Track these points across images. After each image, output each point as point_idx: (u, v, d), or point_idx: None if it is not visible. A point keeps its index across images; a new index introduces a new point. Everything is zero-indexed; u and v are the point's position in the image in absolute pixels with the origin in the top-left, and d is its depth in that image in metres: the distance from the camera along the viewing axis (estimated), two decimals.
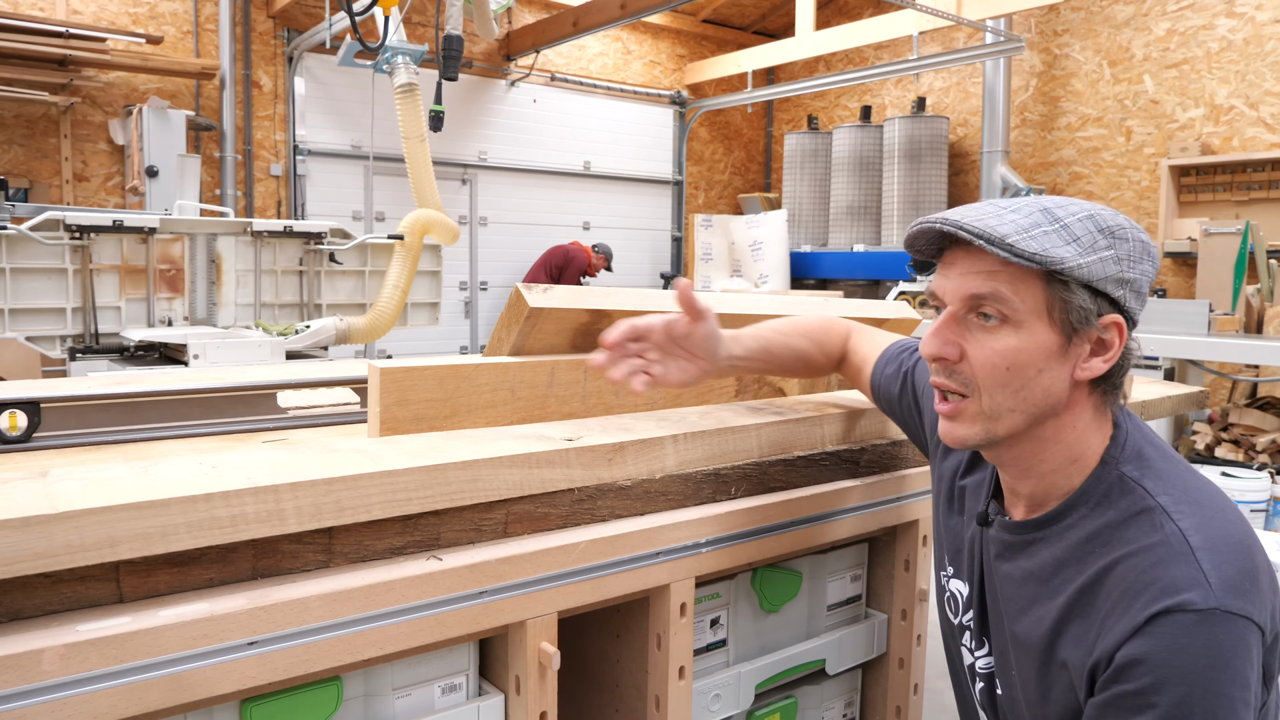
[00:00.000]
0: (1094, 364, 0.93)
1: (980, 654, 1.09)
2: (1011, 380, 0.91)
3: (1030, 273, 0.90)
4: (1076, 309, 0.90)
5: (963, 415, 0.95)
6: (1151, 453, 0.96)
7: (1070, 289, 0.90)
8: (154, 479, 0.86)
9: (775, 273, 8.40)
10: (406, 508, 0.96)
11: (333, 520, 0.91)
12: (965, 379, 0.94)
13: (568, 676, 1.31)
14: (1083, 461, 0.96)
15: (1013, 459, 0.98)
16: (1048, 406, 0.93)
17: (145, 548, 0.80)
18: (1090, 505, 0.94)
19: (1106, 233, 0.91)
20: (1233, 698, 0.80)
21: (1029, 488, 0.99)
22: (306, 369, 1.78)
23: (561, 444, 1.09)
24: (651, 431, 1.19)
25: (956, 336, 0.94)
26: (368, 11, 3.79)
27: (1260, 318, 4.98)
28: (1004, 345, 0.91)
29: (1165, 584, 0.83)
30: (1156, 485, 0.91)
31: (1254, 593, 0.84)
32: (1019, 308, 0.90)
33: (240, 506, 0.85)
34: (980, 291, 0.91)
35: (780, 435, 1.33)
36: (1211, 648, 0.80)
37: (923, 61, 7.35)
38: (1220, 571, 0.83)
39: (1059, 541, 0.95)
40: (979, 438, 0.95)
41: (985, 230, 0.89)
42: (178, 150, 6.05)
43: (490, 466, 1.02)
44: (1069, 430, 0.95)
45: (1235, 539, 0.87)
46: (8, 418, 1.23)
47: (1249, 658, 0.81)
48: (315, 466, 0.93)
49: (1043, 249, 0.88)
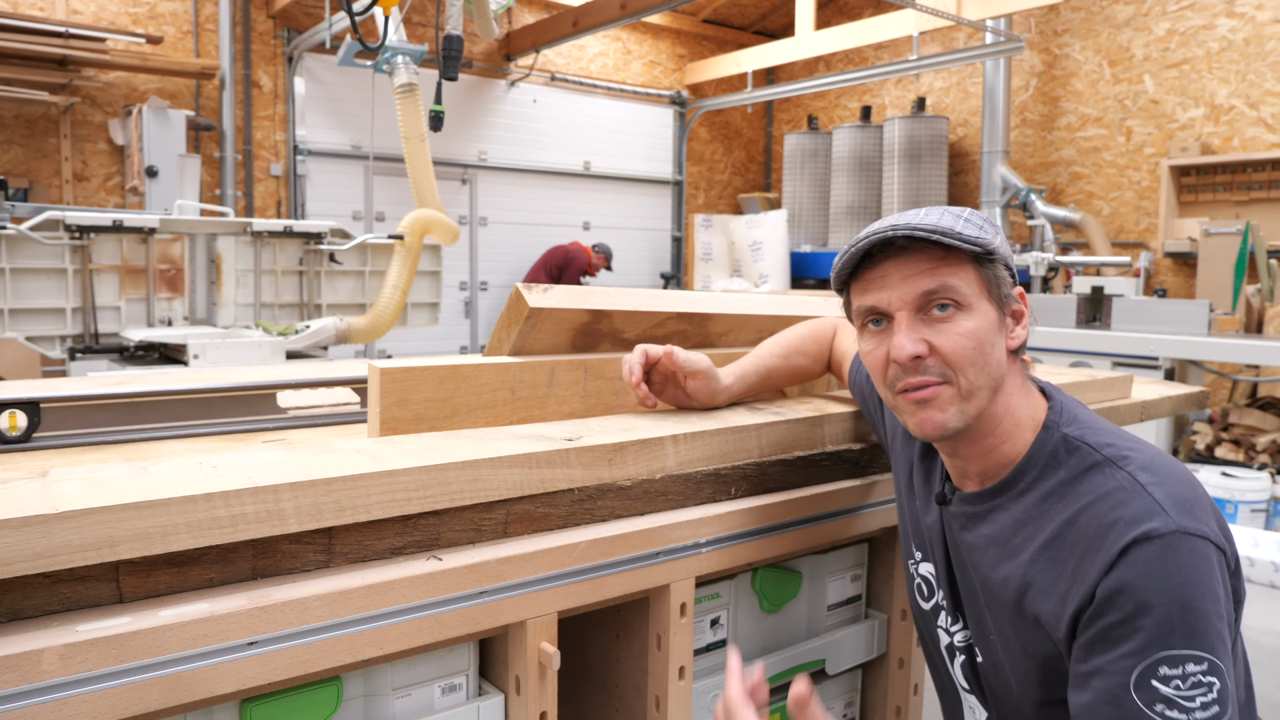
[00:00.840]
0: (1017, 332, 1.03)
1: (956, 628, 1.14)
2: (979, 357, 0.99)
3: (963, 260, 0.99)
4: (1005, 282, 1.01)
5: (940, 399, 1.00)
6: (1086, 416, 1.04)
7: (996, 267, 1.00)
8: (154, 479, 0.86)
9: (775, 273, 8.40)
10: (406, 508, 0.96)
11: (333, 520, 0.91)
12: (939, 369, 1.00)
13: (568, 676, 1.31)
14: (1022, 428, 1.03)
15: (968, 440, 1.04)
16: (1000, 378, 1.01)
17: (145, 548, 0.80)
18: (1040, 467, 1.01)
19: (988, 221, 1.03)
20: (1206, 610, 0.85)
21: (977, 466, 1.06)
22: (306, 369, 1.78)
23: (561, 444, 1.09)
24: (652, 431, 1.19)
25: (920, 335, 1.00)
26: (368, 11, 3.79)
27: (1260, 318, 4.98)
28: (965, 328, 0.99)
29: (1128, 519, 0.90)
30: (1098, 440, 0.99)
31: (1203, 515, 0.91)
32: (967, 292, 0.99)
33: (240, 506, 0.85)
34: (931, 287, 0.99)
35: (780, 435, 1.33)
36: (1181, 567, 0.86)
37: (923, 61, 7.35)
38: (1173, 500, 0.90)
39: (1015, 505, 1.02)
40: (957, 419, 1.00)
41: (936, 226, 0.97)
42: (178, 150, 6.05)
43: (490, 466, 1.01)
44: (1010, 398, 1.03)
45: (1177, 473, 0.95)
46: (8, 418, 1.23)
47: (1213, 573, 0.87)
48: (315, 466, 0.93)
49: (975, 235, 0.98)
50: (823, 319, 1.50)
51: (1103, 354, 4.95)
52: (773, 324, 1.58)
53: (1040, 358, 4.79)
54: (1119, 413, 1.87)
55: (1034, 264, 6.16)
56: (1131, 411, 1.91)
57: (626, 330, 1.37)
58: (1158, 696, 0.84)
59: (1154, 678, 0.84)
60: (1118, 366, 4.85)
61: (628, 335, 1.38)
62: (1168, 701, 0.84)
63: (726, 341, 1.55)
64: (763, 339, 1.59)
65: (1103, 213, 7.37)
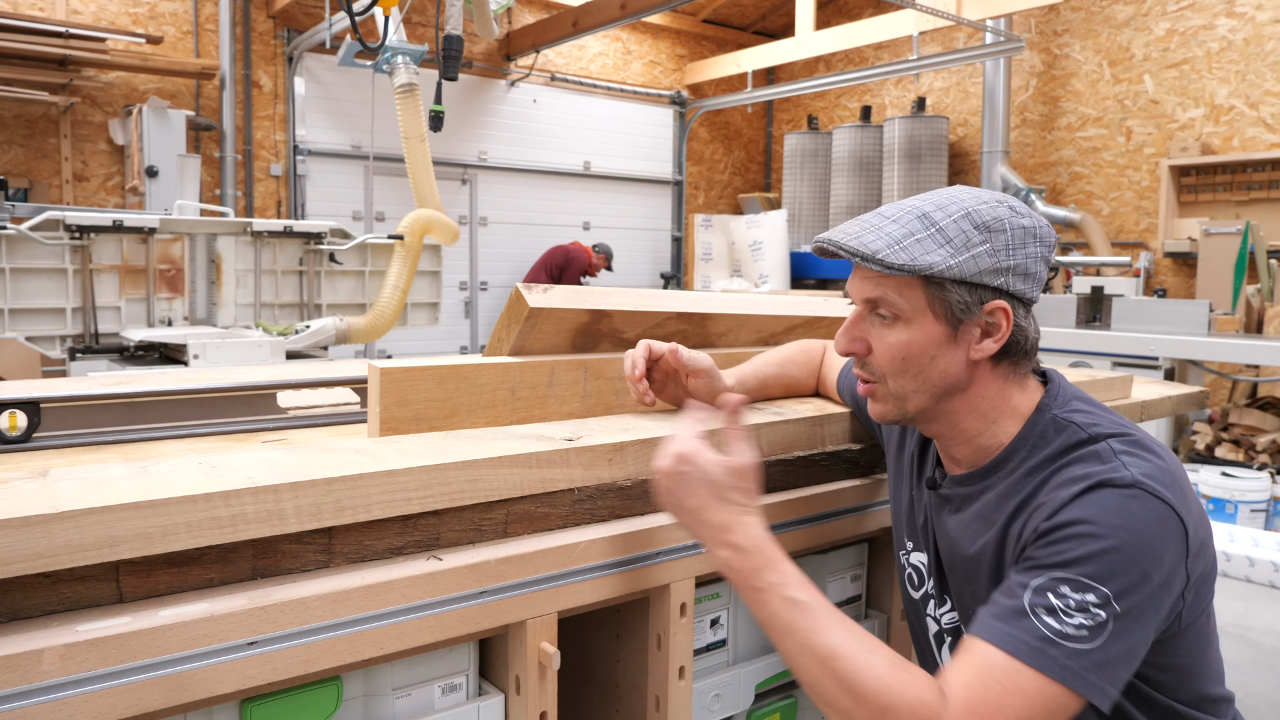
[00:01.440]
0: (985, 345, 1.03)
1: (944, 611, 1.17)
2: (909, 368, 1.04)
3: (907, 277, 1.01)
4: (956, 303, 1.01)
5: (876, 396, 1.09)
6: (1080, 403, 1.06)
7: (945, 288, 1.00)
8: (154, 479, 0.86)
9: (775, 273, 8.40)
10: (407, 507, 0.96)
11: (333, 520, 0.91)
12: (873, 368, 1.07)
13: (568, 676, 1.31)
14: (1006, 421, 1.06)
15: (936, 431, 1.10)
16: (948, 385, 1.04)
17: (145, 548, 0.80)
18: (1028, 448, 1.04)
19: (982, 229, 1.00)
20: (1138, 562, 0.88)
21: (961, 452, 1.10)
22: (306, 369, 1.78)
23: (562, 444, 1.09)
24: (652, 431, 1.19)
25: (862, 333, 1.07)
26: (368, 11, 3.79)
27: (1260, 318, 4.98)
28: (897, 340, 1.03)
29: (1094, 474, 0.94)
30: (1086, 419, 1.02)
31: (1174, 488, 0.92)
32: (905, 307, 1.02)
33: (240, 506, 0.85)
34: (872, 296, 1.04)
35: (780, 435, 1.33)
36: (1128, 513, 0.89)
37: (923, 61, 7.35)
38: (1143, 467, 0.93)
39: (1002, 484, 1.05)
40: (895, 414, 1.08)
41: (859, 248, 1.00)
42: (178, 150, 6.05)
43: (490, 466, 1.01)
44: (980, 400, 1.06)
45: (1162, 455, 0.96)
46: (8, 418, 1.23)
47: (1164, 537, 0.89)
48: (315, 466, 0.93)
49: (911, 259, 0.98)
50: (812, 341, 1.56)
51: (1103, 354, 4.95)
52: (772, 324, 1.58)
53: (1040, 358, 4.79)
54: (1119, 412, 1.87)
55: None
56: (1131, 411, 1.91)
57: (626, 330, 1.37)
58: (1045, 603, 0.88)
59: (1053, 590, 0.88)
60: (1118, 366, 4.85)
61: (628, 335, 1.38)
62: (1050, 609, 0.88)
63: (726, 341, 1.55)
64: (763, 339, 1.59)
65: (1103, 213, 7.37)
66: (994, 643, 0.88)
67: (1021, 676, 0.86)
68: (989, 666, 0.87)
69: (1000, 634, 0.89)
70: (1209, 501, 4.39)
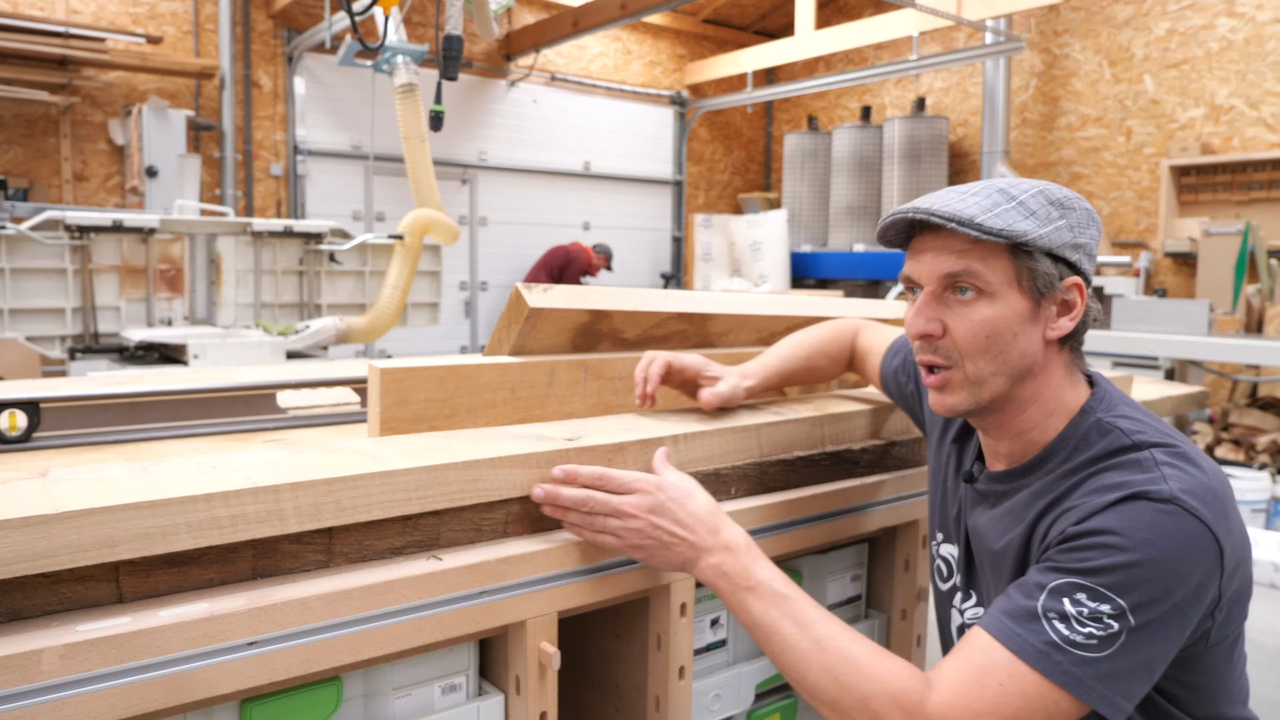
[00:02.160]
0: (1061, 323, 1.01)
1: (969, 605, 1.16)
2: (991, 346, 0.99)
3: (997, 247, 0.98)
4: (1042, 275, 0.99)
5: (950, 385, 1.02)
6: (1128, 407, 1.03)
7: (1034, 258, 0.98)
8: (154, 479, 0.86)
9: (775, 273, 8.40)
10: (407, 508, 0.96)
11: (333, 520, 0.91)
12: (948, 352, 1.01)
13: (568, 676, 1.31)
14: (1058, 416, 1.03)
15: (996, 421, 1.05)
16: (1025, 367, 1.01)
17: (145, 548, 0.80)
18: (1070, 449, 1.01)
19: (1057, 204, 1.00)
20: (1160, 580, 0.86)
21: (1007, 447, 1.07)
22: (306, 369, 1.78)
23: (562, 444, 1.09)
24: (652, 431, 1.19)
25: (938, 314, 1.01)
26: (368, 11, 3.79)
27: (1260, 318, 4.98)
28: (981, 316, 0.99)
29: (1131, 483, 0.91)
30: (1132, 425, 0.99)
31: (1214, 505, 0.89)
32: (991, 280, 0.98)
33: (240, 506, 0.85)
34: (955, 270, 0.99)
35: (780, 435, 1.33)
36: (1159, 529, 0.87)
37: (923, 61, 7.35)
38: (1182, 481, 0.90)
39: (1038, 483, 1.03)
40: (968, 404, 1.02)
41: (955, 214, 0.96)
42: (178, 150, 6.05)
43: (490, 467, 1.01)
44: (1045, 388, 1.03)
45: (1206, 469, 0.93)
46: (8, 418, 1.23)
47: (1194, 556, 0.87)
48: (315, 466, 0.93)
49: (1007, 225, 0.96)
50: (845, 319, 1.51)
51: (1103, 354, 4.95)
52: (772, 324, 1.58)
53: None
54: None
55: None
56: None
57: (626, 330, 1.37)
58: (1058, 608, 0.87)
59: (1068, 595, 0.87)
60: (1118, 366, 4.85)
61: (628, 335, 1.38)
62: (1062, 615, 0.87)
63: (726, 341, 1.54)
64: (763, 339, 1.59)
65: (1103, 212, 7.37)
66: (1000, 639, 0.88)
67: (1024, 678, 0.85)
68: (990, 664, 0.87)
69: (1008, 632, 0.88)
70: None
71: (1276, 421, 4.83)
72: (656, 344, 1.43)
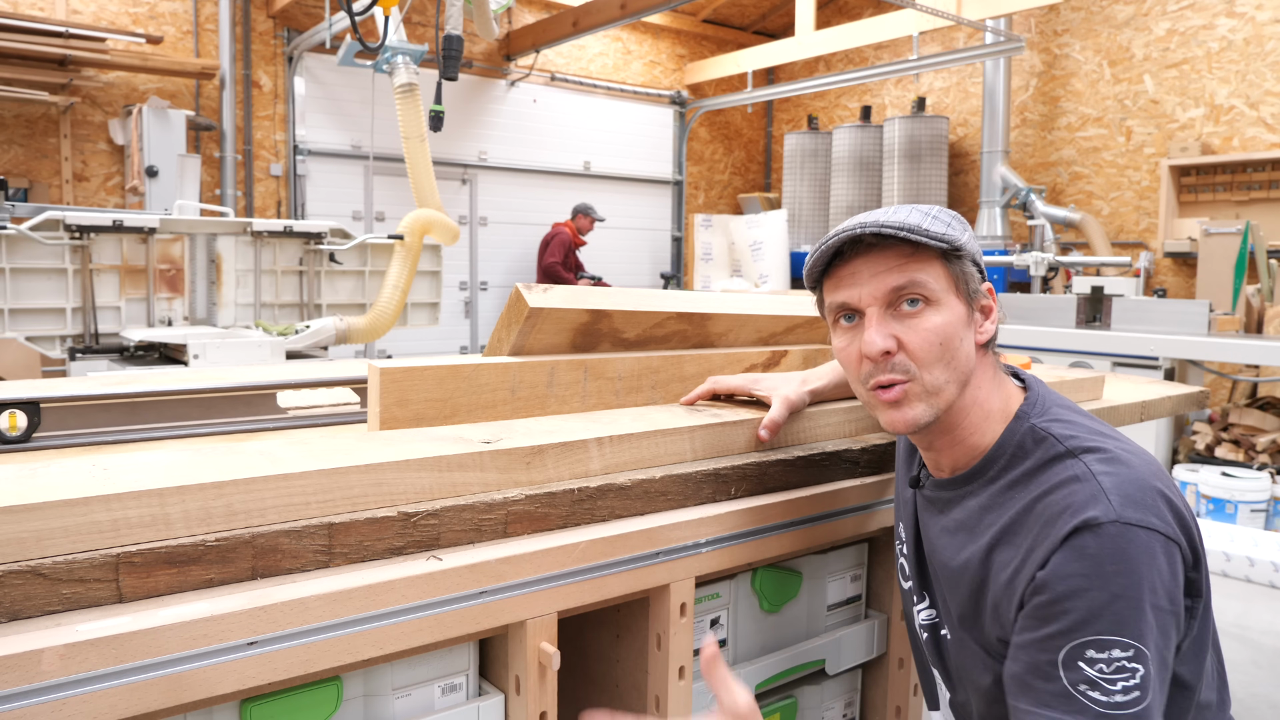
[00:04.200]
0: (986, 327, 1.06)
1: (922, 607, 1.19)
2: (945, 354, 1.01)
3: (932, 257, 1.01)
4: (972, 279, 1.04)
5: (909, 397, 1.03)
6: (1060, 410, 1.06)
7: (964, 263, 1.03)
8: (40, 482, 0.85)
9: (775, 273, 8.40)
10: (305, 513, 0.92)
11: (223, 526, 0.87)
12: (905, 366, 1.02)
13: (568, 676, 1.31)
14: (993, 419, 1.06)
15: (941, 430, 1.07)
16: (968, 372, 1.04)
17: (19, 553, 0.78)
18: (1007, 457, 1.04)
19: (957, 219, 1.05)
20: (1139, 600, 0.88)
21: (950, 458, 1.09)
22: (306, 369, 1.78)
23: (478, 446, 1.06)
24: (575, 434, 1.19)
25: (889, 330, 1.02)
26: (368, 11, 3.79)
27: (1260, 318, 4.98)
28: (932, 324, 1.01)
29: (1075, 507, 0.93)
30: (1065, 431, 1.01)
31: (1153, 506, 0.92)
32: (935, 288, 1.01)
33: (122, 511, 0.82)
34: (900, 283, 1.01)
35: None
36: (1116, 555, 0.89)
37: (923, 61, 7.35)
38: (1121, 491, 0.92)
39: (983, 492, 1.05)
40: (928, 415, 1.03)
41: (904, 223, 1.00)
42: (178, 150, 6.05)
43: (396, 470, 0.97)
44: (979, 391, 1.06)
45: (1138, 465, 0.96)
46: (8, 418, 1.23)
47: (1155, 564, 0.89)
48: (209, 469, 0.91)
49: (944, 231, 1.01)
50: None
51: (1103, 354, 4.95)
52: (772, 324, 1.58)
53: (1040, 358, 4.79)
54: (1119, 413, 1.87)
55: (1034, 264, 6.16)
56: (1131, 411, 1.91)
57: (626, 330, 1.37)
58: (1082, 676, 0.88)
59: (1081, 659, 0.88)
60: (1118, 367, 4.85)
61: (628, 335, 1.38)
62: (1091, 682, 0.87)
63: (726, 341, 1.54)
64: (763, 339, 1.59)
65: (1103, 213, 7.37)
66: None
67: None
68: None
69: None
70: (1209, 502, 4.39)
71: (1276, 421, 4.83)
72: (656, 344, 1.43)
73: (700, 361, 1.46)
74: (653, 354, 1.41)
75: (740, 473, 1.26)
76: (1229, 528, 4.04)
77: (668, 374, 1.42)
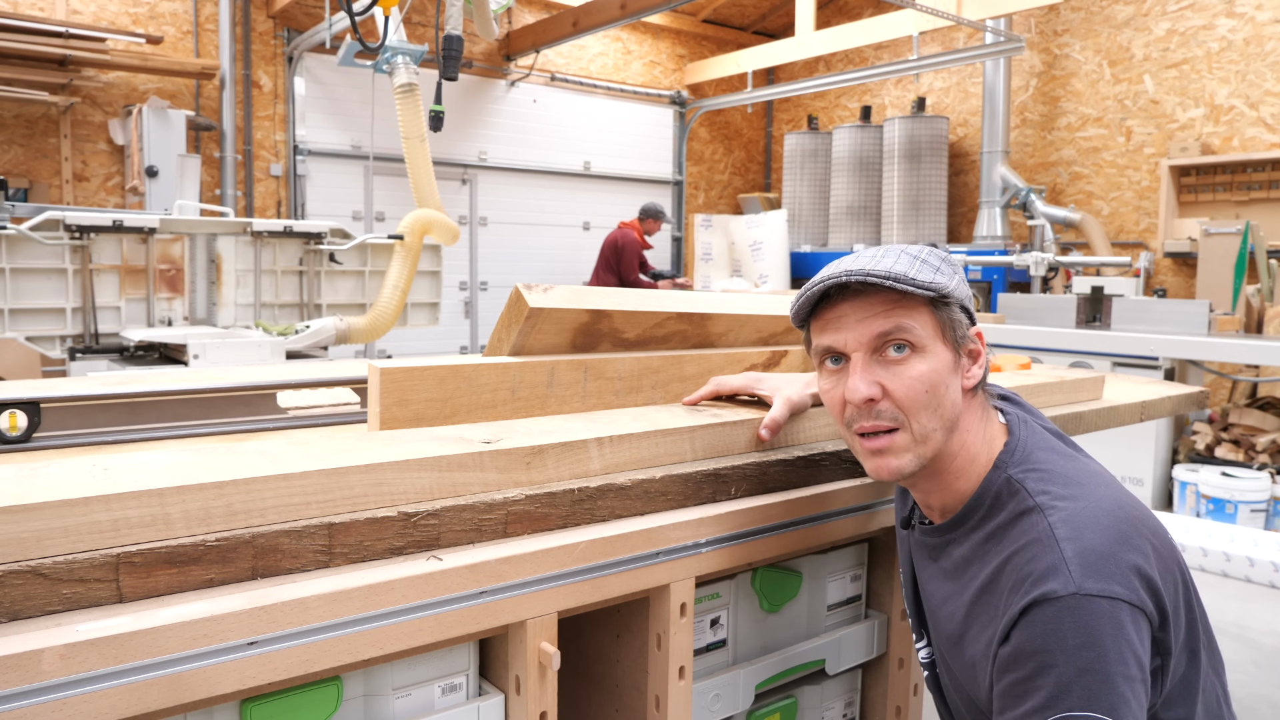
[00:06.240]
0: (974, 371, 1.05)
1: (920, 645, 1.20)
2: (931, 400, 1.00)
3: (919, 303, 1.01)
4: (959, 325, 1.03)
5: (895, 448, 1.02)
6: (1039, 455, 1.04)
7: (952, 309, 1.02)
8: (40, 482, 0.85)
9: (775, 273, 8.40)
10: (305, 513, 0.92)
11: (223, 526, 0.87)
12: (892, 414, 1.01)
13: (568, 676, 1.31)
14: (977, 464, 1.05)
15: (926, 475, 1.06)
16: (955, 418, 1.03)
17: (19, 553, 0.78)
18: (986, 507, 1.03)
19: (947, 262, 1.04)
20: (1106, 671, 0.87)
21: (939, 500, 1.09)
22: (306, 369, 1.78)
23: (479, 446, 1.06)
24: (575, 434, 1.19)
25: (874, 376, 1.01)
26: (368, 11, 3.79)
27: (1260, 318, 4.98)
28: (918, 371, 1.00)
29: (1035, 576, 0.92)
30: (1038, 483, 1.00)
31: (1115, 572, 0.90)
32: (921, 334, 1.00)
33: (122, 511, 0.82)
34: (886, 328, 1.00)
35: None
36: (1079, 629, 0.88)
37: (923, 61, 7.35)
38: (1081, 558, 0.91)
39: (966, 541, 1.06)
40: (913, 464, 1.03)
41: (887, 271, 0.98)
42: (178, 150, 6.05)
43: (396, 470, 0.97)
44: (966, 435, 1.05)
45: (1103, 524, 0.94)
46: (8, 418, 1.23)
47: (1121, 633, 0.88)
48: (209, 469, 0.91)
49: (931, 278, 1.00)
50: None
51: (1103, 354, 4.95)
52: (772, 324, 1.58)
53: (1040, 358, 4.79)
54: (1119, 413, 1.87)
55: (1034, 264, 6.16)
56: (1131, 412, 1.91)
57: (626, 330, 1.37)
58: None
59: None
60: (1117, 366, 4.85)
61: (628, 335, 1.38)
62: None
63: (726, 341, 1.54)
64: (763, 339, 1.59)
65: (1103, 213, 7.37)
66: None
67: None
68: None
69: None
70: (1209, 502, 4.39)
71: (1276, 421, 4.83)
72: (656, 344, 1.43)
73: (700, 361, 1.46)
74: (653, 354, 1.41)
75: (740, 473, 1.26)
76: (1229, 528, 4.04)
77: (668, 374, 1.42)
